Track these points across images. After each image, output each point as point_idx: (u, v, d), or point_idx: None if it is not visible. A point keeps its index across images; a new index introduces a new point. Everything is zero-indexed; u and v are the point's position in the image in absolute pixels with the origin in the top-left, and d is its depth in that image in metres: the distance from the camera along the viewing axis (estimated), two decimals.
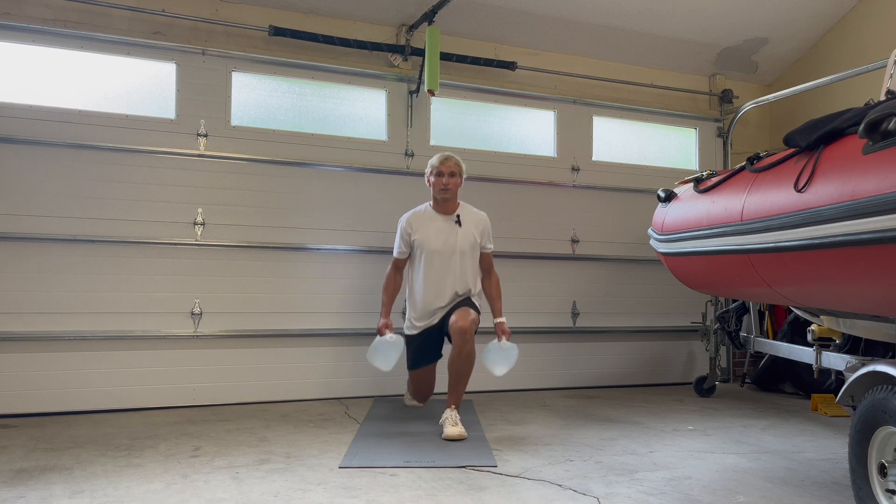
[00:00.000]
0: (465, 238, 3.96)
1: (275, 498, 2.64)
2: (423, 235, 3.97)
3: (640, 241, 5.42)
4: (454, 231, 3.96)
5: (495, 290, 4.08)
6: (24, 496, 2.63)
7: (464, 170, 4.02)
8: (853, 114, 2.82)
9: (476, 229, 4.02)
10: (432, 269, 3.93)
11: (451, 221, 3.99)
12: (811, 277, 2.99)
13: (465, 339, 3.71)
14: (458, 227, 3.97)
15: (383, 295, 4.09)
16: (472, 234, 3.99)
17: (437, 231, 3.97)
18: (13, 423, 3.85)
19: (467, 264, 3.97)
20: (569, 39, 5.44)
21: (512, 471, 3.04)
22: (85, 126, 4.27)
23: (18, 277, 4.11)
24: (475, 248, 4.01)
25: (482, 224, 4.06)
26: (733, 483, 2.93)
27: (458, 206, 4.05)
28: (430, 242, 3.95)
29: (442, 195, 3.96)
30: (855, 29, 5.45)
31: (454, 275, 3.93)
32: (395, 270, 4.12)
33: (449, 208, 4.02)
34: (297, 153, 4.74)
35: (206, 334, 4.46)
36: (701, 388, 5.17)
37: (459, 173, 3.98)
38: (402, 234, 4.05)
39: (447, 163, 3.94)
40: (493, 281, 4.09)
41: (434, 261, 3.93)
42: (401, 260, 4.09)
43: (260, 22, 4.68)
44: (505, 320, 4.00)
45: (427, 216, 4.04)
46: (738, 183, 3.54)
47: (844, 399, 2.62)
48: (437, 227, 3.98)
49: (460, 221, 3.98)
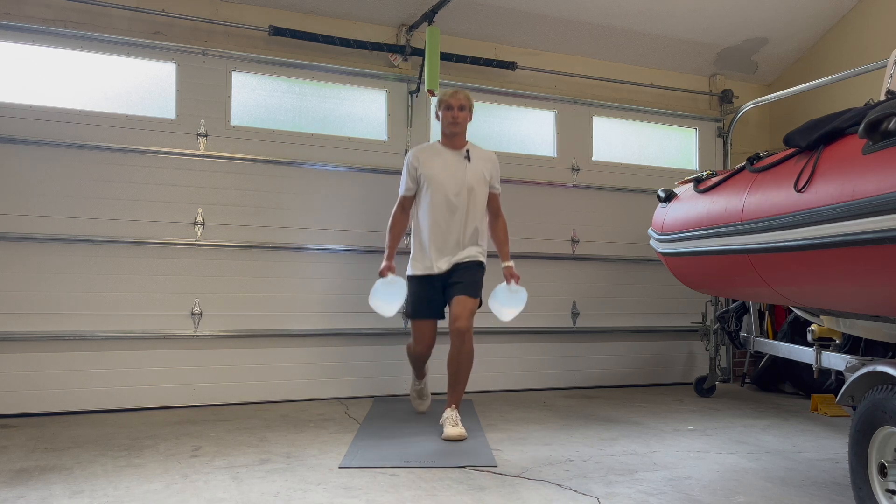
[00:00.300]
0: (474, 174, 3.82)
1: (275, 498, 2.64)
2: (430, 170, 3.81)
3: (640, 241, 5.42)
4: (463, 166, 3.81)
5: (503, 234, 3.98)
6: (24, 496, 2.63)
7: (473, 105, 3.90)
8: (853, 114, 2.82)
9: (485, 167, 3.88)
10: (439, 204, 3.77)
11: (459, 156, 3.84)
12: (811, 277, 2.99)
13: (464, 340, 3.69)
14: (468, 162, 3.82)
15: (388, 236, 3.93)
16: (481, 171, 3.85)
17: (444, 165, 3.81)
18: (13, 423, 3.85)
19: (476, 201, 3.82)
20: (569, 39, 5.44)
21: (512, 471, 3.04)
22: (85, 126, 4.27)
23: (18, 277, 4.11)
24: (484, 185, 3.87)
25: (491, 162, 3.93)
26: (733, 483, 2.93)
27: (468, 144, 3.92)
28: (437, 176, 3.79)
29: (451, 129, 3.83)
30: (855, 29, 5.45)
31: (462, 211, 3.78)
32: (401, 210, 3.94)
33: (457, 143, 3.87)
34: (297, 153, 4.74)
35: (206, 334, 4.46)
36: (701, 388, 5.17)
37: (469, 107, 3.85)
38: (409, 169, 3.88)
39: (457, 95, 3.82)
40: (500, 224, 3.98)
41: (441, 196, 3.77)
42: (407, 198, 3.92)
43: (260, 22, 4.69)
44: (513, 264, 3.90)
45: (434, 150, 3.90)
46: (738, 183, 3.54)
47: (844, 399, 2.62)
48: (445, 161, 3.83)
49: (469, 157, 3.84)
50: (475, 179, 3.83)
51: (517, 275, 3.88)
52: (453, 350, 3.73)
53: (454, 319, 3.72)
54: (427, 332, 3.90)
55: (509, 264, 3.92)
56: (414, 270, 3.89)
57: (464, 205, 3.79)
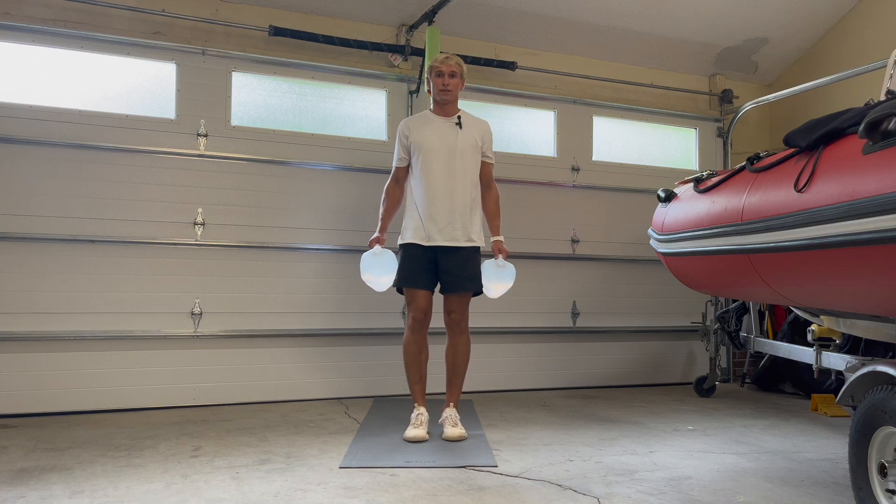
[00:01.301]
0: (465, 139, 3.73)
1: (275, 498, 2.64)
2: (420, 136, 3.73)
3: (640, 241, 5.42)
4: (454, 131, 3.72)
5: (494, 206, 3.86)
6: (24, 496, 2.63)
7: (465, 71, 3.80)
8: (853, 114, 2.82)
9: (477, 133, 3.79)
10: (431, 172, 3.67)
11: (451, 123, 3.75)
12: (811, 277, 2.99)
13: (460, 330, 3.71)
14: (459, 129, 3.73)
15: (381, 208, 3.86)
16: (472, 137, 3.76)
17: (435, 131, 3.73)
18: (13, 423, 3.85)
19: (468, 166, 3.72)
20: (569, 39, 5.44)
21: (512, 471, 3.04)
22: (85, 126, 4.27)
23: (18, 277, 4.11)
24: (476, 151, 3.77)
25: (484, 129, 3.84)
26: (733, 483, 2.93)
27: (460, 111, 3.82)
28: (428, 142, 3.70)
29: (442, 96, 3.73)
30: (855, 29, 5.45)
31: (454, 177, 3.67)
32: (394, 182, 3.85)
33: (449, 111, 3.78)
34: (297, 153, 4.74)
35: (206, 334, 4.46)
36: (701, 388, 5.17)
37: (461, 74, 3.76)
38: (400, 139, 3.80)
39: (448, 62, 3.72)
40: (492, 195, 3.86)
41: (433, 162, 3.68)
42: (400, 169, 3.83)
43: (260, 22, 4.69)
44: (503, 239, 3.84)
45: (425, 118, 3.82)
46: (738, 183, 3.54)
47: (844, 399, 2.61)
48: (436, 127, 3.74)
49: (461, 123, 3.75)
50: (467, 145, 3.73)
51: (506, 250, 3.80)
52: (450, 342, 3.73)
53: (449, 311, 3.71)
54: (420, 297, 3.71)
55: (499, 239, 3.83)
56: (405, 238, 3.76)
57: (456, 171, 3.68)
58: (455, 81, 3.73)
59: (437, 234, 3.66)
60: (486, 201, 3.85)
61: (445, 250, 3.67)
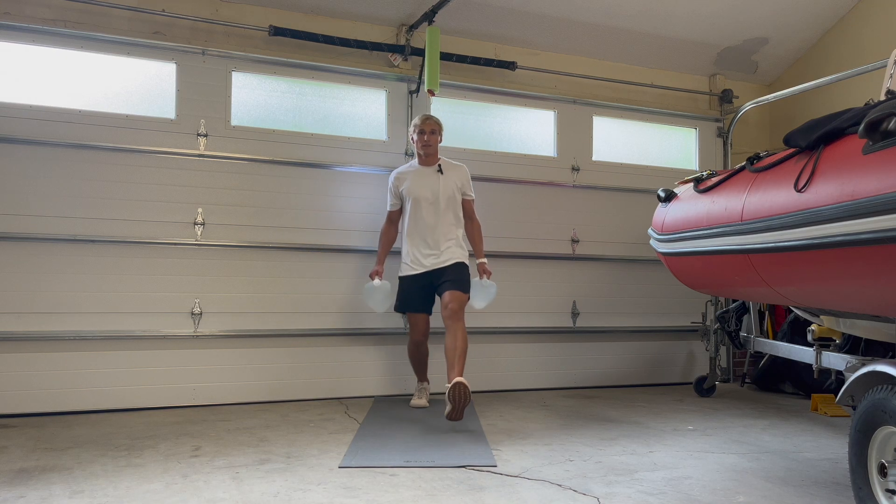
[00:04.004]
0: (447, 185, 4.38)
1: (275, 498, 2.64)
2: (409, 185, 4.39)
3: (640, 241, 5.42)
4: (437, 179, 4.38)
5: (477, 234, 4.51)
6: (24, 496, 2.63)
7: (442, 127, 4.46)
8: (853, 114, 2.82)
9: (457, 177, 4.44)
10: (420, 213, 4.34)
11: (433, 171, 4.41)
12: (811, 277, 2.99)
13: (456, 319, 4.06)
14: (441, 175, 4.39)
15: (378, 244, 4.54)
16: (453, 182, 4.41)
17: (421, 180, 4.39)
18: (13, 423, 3.85)
19: (451, 208, 4.38)
20: (569, 39, 5.44)
21: (512, 471, 3.04)
22: (85, 126, 4.27)
23: (18, 277, 4.11)
24: (457, 193, 4.42)
25: (462, 173, 4.48)
26: (733, 483, 2.93)
27: (439, 160, 4.46)
28: (416, 190, 4.36)
29: (424, 150, 4.40)
30: (855, 29, 5.45)
31: (439, 217, 4.33)
32: (389, 223, 4.53)
33: (431, 161, 4.44)
34: (297, 153, 4.75)
35: (206, 334, 4.46)
36: (701, 388, 5.17)
37: (439, 131, 4.44)
38: (392, 188, 4.48)
39: (428, 122, 4.39)
40: (475, 225, 4.51)
41: (421, 205, 4.34)
42: (394, 212, 4.50)
43: (260, 22, 4.69)
44: (486, 261, 4.42)
45: (411, 169, 4.48)
46: (738, 183, 3.54)
47: (844, 399, 2.62)
48: (422, 177, 4.40)
49: (442, 170, 4.40)
50: (449, 189, 4.39)
51: (489, 270, 4.40)
52: (449, 333, 4.02)
53: (445, 305, 4.11)
54: (419, 321, 4.37)
55: (483, 261, 4.43)
56: (402, 272, 4.41)
57: (440, 210, 4.34)
58: (435, 137, 4.41)
59: (426, 261, 4.32)
60: (470, 232, 4.53)
61: (436, 272, 4.29)
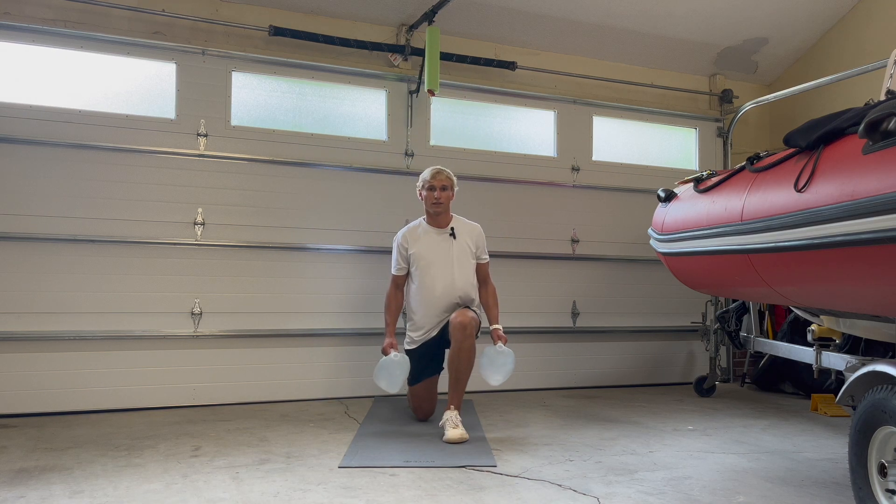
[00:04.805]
0: (460, 250, 3.99)
1: (275, 498, 2.64)
2: (418, 250, 3.98)
3: (640, 241, 5.42)
4: (449, 244, 3.98)
5: (492, 300, 4.08)
6: (24, 496, 2.63)
7: (455, 182, 4.03)
8: (853, 114, 2.82)
9: (470, 240, 4.04)
10: (429, 282, 3.93)
11: (445, 234, 4.00)
12: (811, 277, 2.99)
13: (466, 335, 3.70)
14: (453, 239, 3.99)
15: (386, 315, 4.08)
16: (466, 246, 4.01)
17: (432, 245, 3.98)
18: (13, 423, 3.85)
19: (464, 276, 3.97)
20: (569, 39, 5.45)
21: (512, 471, 3.04)
22: (85, 126, 4.27)
23: (18, 277, 4.11)
24: (470, 257, 4.02)
25: (475, 235, 4.08)
26: (733, 483, 2.93)
27: (452, 219, 4.06)
28: (426, 257, 3.96)
29: (434, 209, 3.98)
30: (855, 29, 5.45)
31: (451, 287, 3.92)
32: (395, 288, 4.09)
33: (442, 221, 4.03)
34: (297, 153, 4.74)
35: (205, 334, 4.46)
36: (701, 388, 5.17)
37: (451, 186, 3.99)
38: (399, 250, 4.04)
39: (438, 177, 3.96)
40: (489, 290, 4.09)
41: (431, 274, 3.93)
42: (400, 277, 4.07)
43: (260, 22, 4.69)
44: (501, 328, 3.96)
45: (421, 231, 4.05)
46: (738, 183, 3.54)
47: (844, 399, 2.62)
48: (432, 241, 3.99)
49: (454, 234, 4.00)
50: (461, 254, 3.98)
51: (504, 336, 3.91)
52: (454, 346, 3.74)
53: (455, 317, 3.77)
54: (429, 393, 4.04)
55: (497, 327, 3.96)
56: (411, 345, 4.00)
57: (453, 279, 3.93)
58: (446, 194, 3.97)
59: (435, 330, 3.95)
60: (484, 296, 4.08)
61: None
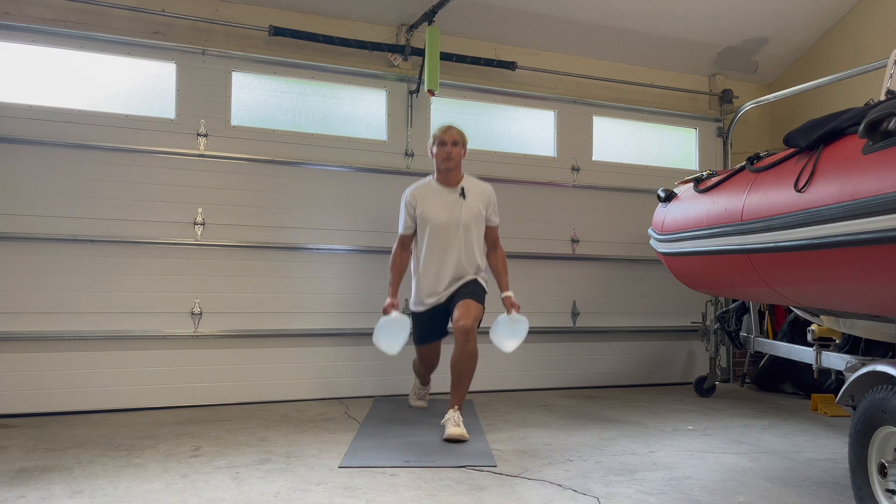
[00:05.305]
0: (469, 211, 3.87)
1: (275, 498, 2.64)
2: (426, 209, 3.88)
3: (640, 241, 5.42)
4: (458, 204, 3.87)
5: (502, 265, 4.00)
6: (24, 496, 2.63)
7: (467, 140, 3.94)
8: (853, 114, 2.82)
9: (481, 201, 3.93)
10: (437, 243, 3.84)
11: (455, 194, 3.89)
12: (811, 277, 2.99)
13: (468, 339, 3.67)
14: (463, 199, 3.87)
15: (390, 273, 4.00)
16: (477, 207, 3.90)
17: (441, 204, 3.88)
18: (13, 423, 3.85)
19: (473, 238, 3.88)
20: (569, 39, 5.45)
21: (512, 471, 3.04)
22: (85, 126, 4.27)
23: (18, 277, 4.11)
24: (480, 220, 3.92)
25: (487, 196, 3.97)
26: (733, 483, 2.93)
27: (462, 178, 3.95)
28: (434, 216, 3.86)
29: (445, 165, 3.87)
30: (855, 29, 5.45)
31: (460, 249, 3.84)
32: (401, 248, 4.01)
33: (452, 180, 3.91)
34: (297, 153, 4.74)
35: (205, 334, 4.46)
36: (701, 388, 5.17)
37: (462, 143, 3.89)
38: (407, 208, 3.96)
39: (449, 132, 3.86)
40: (499, 255, 4.01)
41: (439, 235, 3.84)
42: (407, 236, 3.99)
43: (260, 22, 4.68)
44: (512, 294, 3.92)
45: (431, 189, 3.94)
46: (738, 183, 3.54)
47: (844, 399, 2.62)
48: (441, 201, 3.88)
49: (465, 194, 3.88)
50: (471, 216, 3.88)
51: (517, 304, 3.88)
52: (457, 350, 3.72)
53: (458, 319, 3.73)
54: (434, 353, 4.06)
55: (509, 294, 3.92)
56: (416, 307, 4.00)
57: (461, 242, 3.85)
58: (457, 150, 3.86)
59: (444, 295, 3.91)
60: (493, 261, 4.03)
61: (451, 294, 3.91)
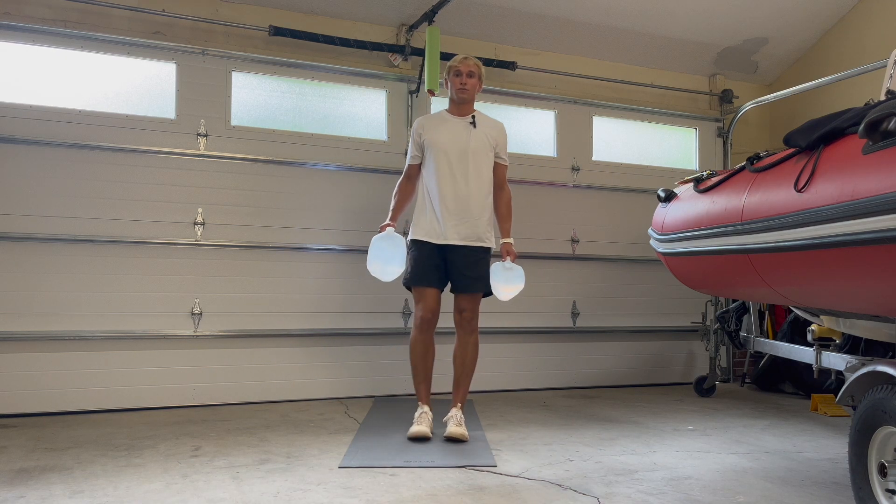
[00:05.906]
0: (478, 139, 3.74)
1: (275, 498, 2.64)
2: (433, 135, 3.75)
3: (640, 241, 5.42)
4: (468, 131, 3.74)
5: (506, 209, 3.84)
6: (24, 496, 2.63)
7: (483, 73, 3.84)
8: (853, 114, 2.82)
9: (491, 134, 3.79)
10: (443, 169, 3.68)
11: (465, 122, 3.77)
12: (811, 277, 2.99)
13: (471, 329, 3.69)
14: (473, 128, 3.75)
15: (392, 201, 3.86)
16: (486, 137, 3.76)
17: (449, 130, 3.76)
18: (13, 423, 3.85)
19: (481, 167, 3.73)
20: (569, 39, 5.44)
21: (512, 471, 3.04)
22: (85, 126, 4.27)
23: (18, 277, 4.11)
24: (489, 151, 3.77)
25: (498, 130, 3.85)
26: (733, 483, 2.93)
27: (475, 111, 3.85)
28: (441, 141, 3.72)
29: (459, 95, 3.76)
30: (855, 29, 5.45)
31: (467, 176, 3.68)
32: (406, 178, 3.88)
33: (464, 110, 3.80)
34: (297, 153, 4.74)
35: (205, 334, 4.46)
36: (701, 388, 5.17)
37: (479, 75, 3.80)
38: (414, 136, 3.84)
39: (466, 62, 3.76)
40: (504, 197, 3.84)
41: (444, 160, 3.69)
42: (413, 167, 3.85)
43: (260, 22, 4.68)
44: (512, 241, 3.80)
45: (440, 117, 3.85)
46: (738, 183, 3.54)
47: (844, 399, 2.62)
48: (450, 127, 3.77)
49: (475, 123, 3.76)
50: (479, 145, 3.73)
51: (514, 252, 3.76)
52: (459, 342, 3.72)
53: (460, 310, 3.71)
54: (429, 296, 3.71)
55: (509, 241, 3.79)
56: (416, 234, 3.75)
57: (469, 170, 3.69)
58: (473, 81, 3.77)
59: (449, 232, 3.66)
60: (498, 203, 3.84)
61: (457, 249, 3.67)
